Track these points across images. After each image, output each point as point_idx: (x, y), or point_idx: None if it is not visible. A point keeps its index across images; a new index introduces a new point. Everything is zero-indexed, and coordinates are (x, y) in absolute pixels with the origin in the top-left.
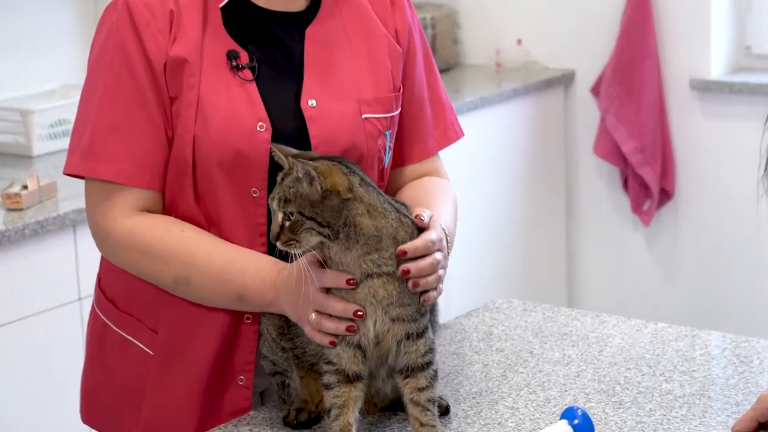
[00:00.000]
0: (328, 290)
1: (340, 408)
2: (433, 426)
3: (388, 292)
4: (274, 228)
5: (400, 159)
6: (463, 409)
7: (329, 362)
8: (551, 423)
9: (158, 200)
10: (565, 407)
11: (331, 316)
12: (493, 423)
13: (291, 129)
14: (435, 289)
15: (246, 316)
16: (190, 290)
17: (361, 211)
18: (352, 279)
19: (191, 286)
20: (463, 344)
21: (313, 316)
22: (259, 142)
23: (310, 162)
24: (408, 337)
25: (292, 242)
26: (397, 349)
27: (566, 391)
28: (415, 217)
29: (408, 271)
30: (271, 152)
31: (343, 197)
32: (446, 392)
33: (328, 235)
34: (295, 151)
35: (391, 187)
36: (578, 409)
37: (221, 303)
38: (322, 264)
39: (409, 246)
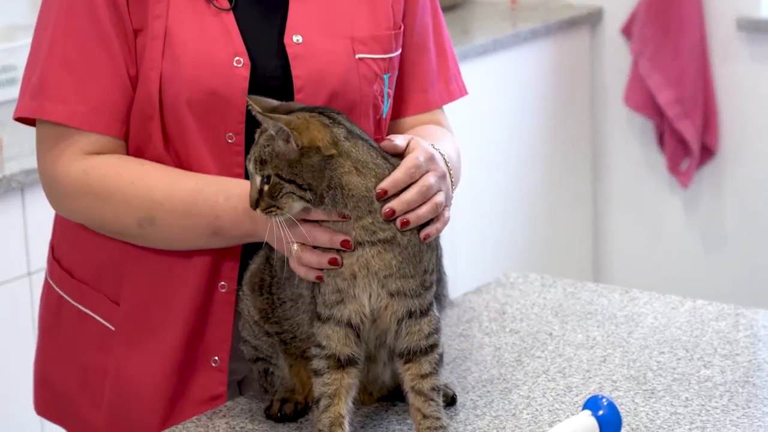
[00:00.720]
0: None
1: (330, 398)
2: (438, 418)
3: (386, 263)
4: (252, 194)
5: (398, 110)
6: (471, 399)
7: (318, 345)
8: (572, 414)
9: (118, 147)
10: (589, 396)
11: (315, 248)
12: (506, 414)
13: (273, 67)
14: (436, 221)
15: (221, 284)
16: (158, 232)
17: (348, 168)
18: (348, 240)
19: (157, 226)
20: (472, 325)
21: (296, 247)
22: (236, 79)
23: (284, 116)
24: (410, 315)
25: (272, 209)
26: (397, 329)
27: (590, 378)
28: (386, 141)
29: (392, 212)
30: (247, 105)
31: (324, 154)
32: (452, 380)
33: (310, 199)
34: (275, 102)
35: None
36: (603, 398)
37: (194, 242)
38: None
39: (388, 181)
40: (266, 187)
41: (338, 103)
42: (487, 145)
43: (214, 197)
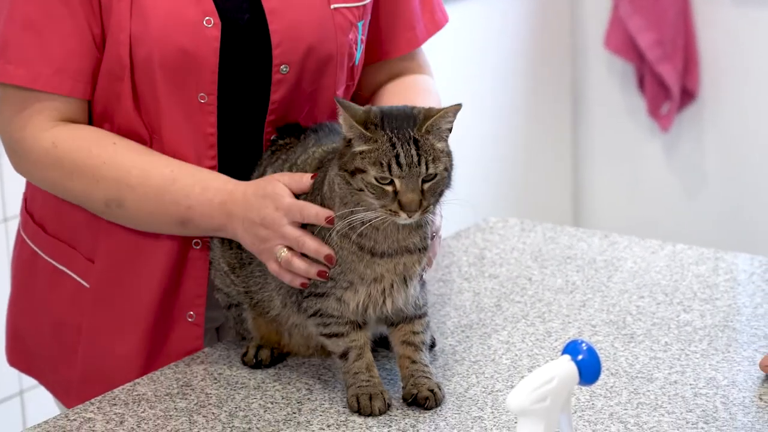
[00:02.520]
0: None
1: (359, 349)
2: (426, 365)
3: (419, 266)
4: (415, 198)
5: (382, 52)
6: (450, 344)
7: (330, 315)
8: (552, 359)
9: (83, 110)
10: (568, 341)
11: (301, 255)
12: (486, 359)
13: (244, 22)
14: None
15: (195, 241)
16: (124, 214)
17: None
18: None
19: (125, 209)
20: (451, 270)
21: (284, 252)
22: (207, 40)
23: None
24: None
25: (429, 208)
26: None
27: (569, 322)
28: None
29: None
30: (338, 114)
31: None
32: (432, 325)
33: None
34: (360, 108)
35: (367, 86)
36: (583, 343)
37: (160, 228)
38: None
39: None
40: (426, 186)
41: (316, 55)
42: (466, 90)
43: (190, 187)
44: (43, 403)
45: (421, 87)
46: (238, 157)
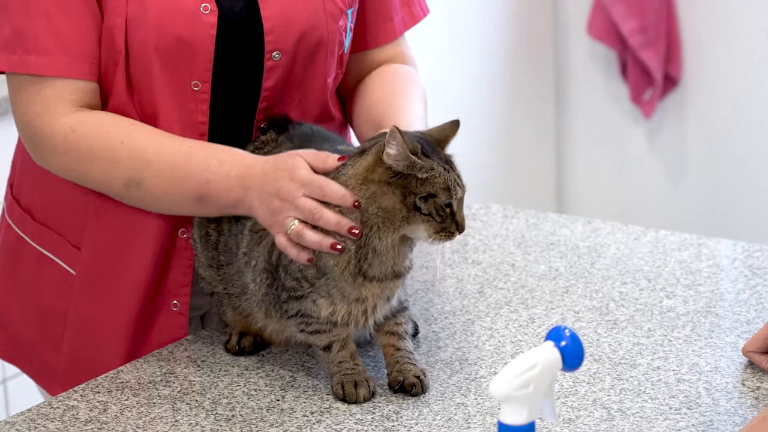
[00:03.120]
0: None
1: (342, 341)
2: (410, 352)
3: (400, 288)
4: (464, 215)
5: (362, 42)
6: (434, 331)
7: (310, 316)
8: (535, 345)
9: (98, 92)
10: (551, 327)
11: (314, 229)
12: (469, 346)
13: (239, 9)
14: None
15: (181, 230)
16: (143, 194)
17: None
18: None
19: (143, 188)
20: (434, 256)
21: (295, 224)
22: (203, 27)
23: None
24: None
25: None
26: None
27: (552, 309)
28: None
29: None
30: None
31: None
32: (415, 312)
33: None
34: (417, 134)
35: (351, 75)
36: (566, 329)
37: (178, 207)
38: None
39: None
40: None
41: (307, 41)
42: (448, 77)
43: (207, 161)
44: (26, 391)
45: (407, 80)
46: (230, 144)
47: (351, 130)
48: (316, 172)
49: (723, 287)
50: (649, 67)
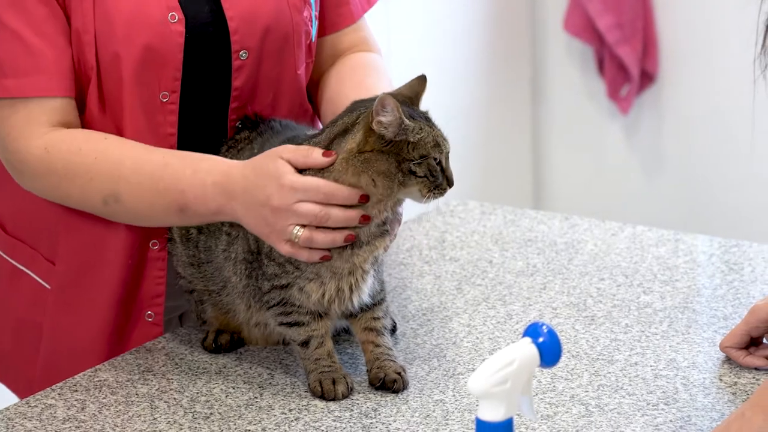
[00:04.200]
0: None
1: (320, 338)
2: (389, 348)
3: (381, 248)
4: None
5: (321, 28)
6: (412, 328)
7: (292, 305)
8: (513, 342)
9: (75, 108)
10: (529, 324)
11: (320, 229)
12: (447, 342)
13: (205, 14)
14: None
15: (153, 241)
16: (123, 208)
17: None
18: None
19: (123, 202)
20: (412, 253)
21: (300, 230)
22: (172, 36)
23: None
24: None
25: None
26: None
27: (530, 305)
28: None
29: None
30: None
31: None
32: (393, 309)
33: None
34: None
35: (314, 64)
36: (544, 325)
37: (161, 219)
38: None
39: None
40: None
41: (273, 36)
42: (423, 72)
43: (181, 170)
44: (1, 389)
45: (372, 68)
46: (201, 150)
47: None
48: (299, 169)
49: (700, 283)
50: (626, 63)
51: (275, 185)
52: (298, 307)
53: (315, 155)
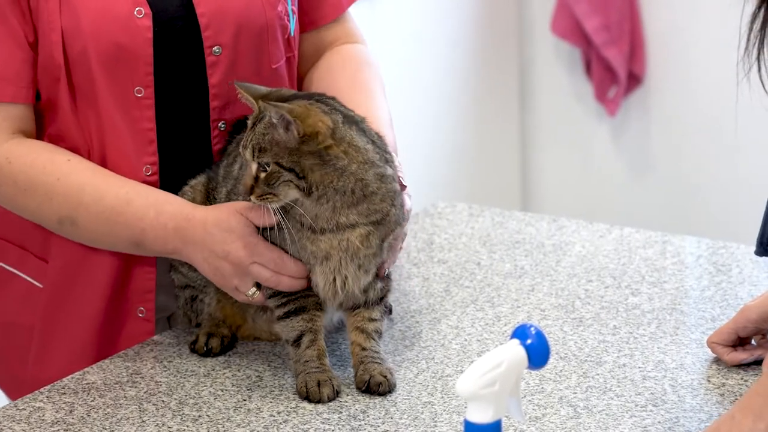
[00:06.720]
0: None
1: (313, 332)
2: (377, 351)
3: (369, 243)
4: (248, 181)
5: (311, 21)
6: (400, 330)
7: (285, 295)
8: (501, 343)
9: (31, 117)
10: (517, 325)
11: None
12: (435, 345)
13: (174, 8)
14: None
15: None
16: (77, 232)
17: (345, 154)
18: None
19: (78, 227)
20: (399, 256)
21: (254, 291)
22: (140, 31)
23: (285, 104)
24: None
25: (268, 196)
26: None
27: (518, 307)
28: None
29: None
30: (238, 94)
31: (323, 144)
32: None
33: (304, 188)
34: (264, 89)
35: (302, 58)
36: (532, 327)
37: (113, 247)
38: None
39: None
40: (263, 175)
41: (247, 32)
42: (411, 76)
43: (144, 210)
44: None
45: (363, 61)
46: (185, 150)
47: None
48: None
49: (688, 284)
50: (613, 65)
51: (239, 243)
52: (296, 294)
53: (268, 218)
